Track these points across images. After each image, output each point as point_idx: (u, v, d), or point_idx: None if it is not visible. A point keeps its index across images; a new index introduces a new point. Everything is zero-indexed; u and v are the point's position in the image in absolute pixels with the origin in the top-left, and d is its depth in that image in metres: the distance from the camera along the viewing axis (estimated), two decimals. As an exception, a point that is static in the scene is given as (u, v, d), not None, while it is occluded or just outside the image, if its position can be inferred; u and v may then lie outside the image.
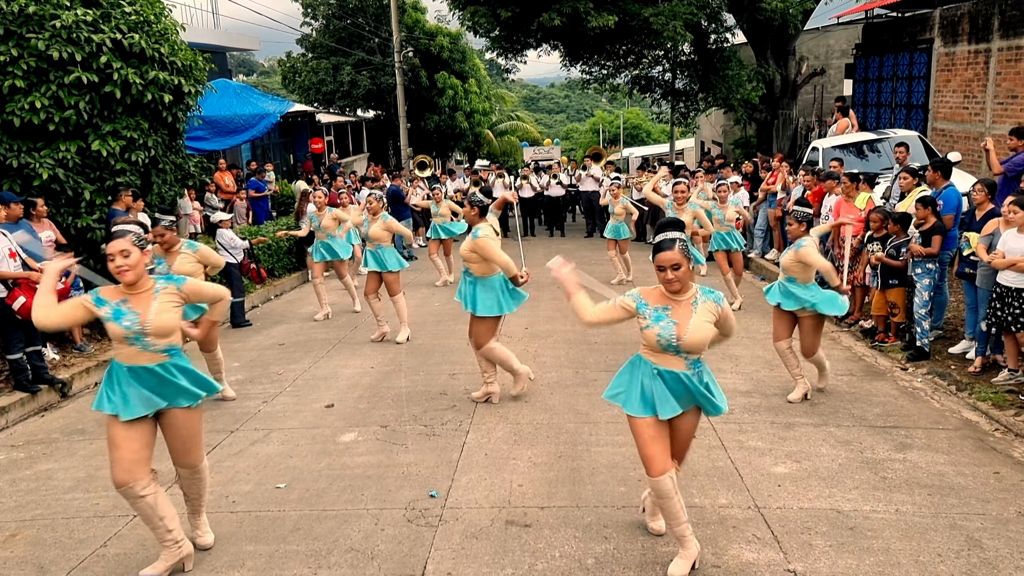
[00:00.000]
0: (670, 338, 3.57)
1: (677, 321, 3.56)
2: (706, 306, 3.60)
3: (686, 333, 3.55)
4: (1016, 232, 5.87)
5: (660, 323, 3.59)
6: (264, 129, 14.18)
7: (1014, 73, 11.55)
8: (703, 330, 3.56)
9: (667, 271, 3.53)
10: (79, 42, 7.62)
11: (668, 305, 3.61)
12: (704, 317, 3.57)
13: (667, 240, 3.53)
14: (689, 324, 3.55)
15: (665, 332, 3.58)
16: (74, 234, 7.95)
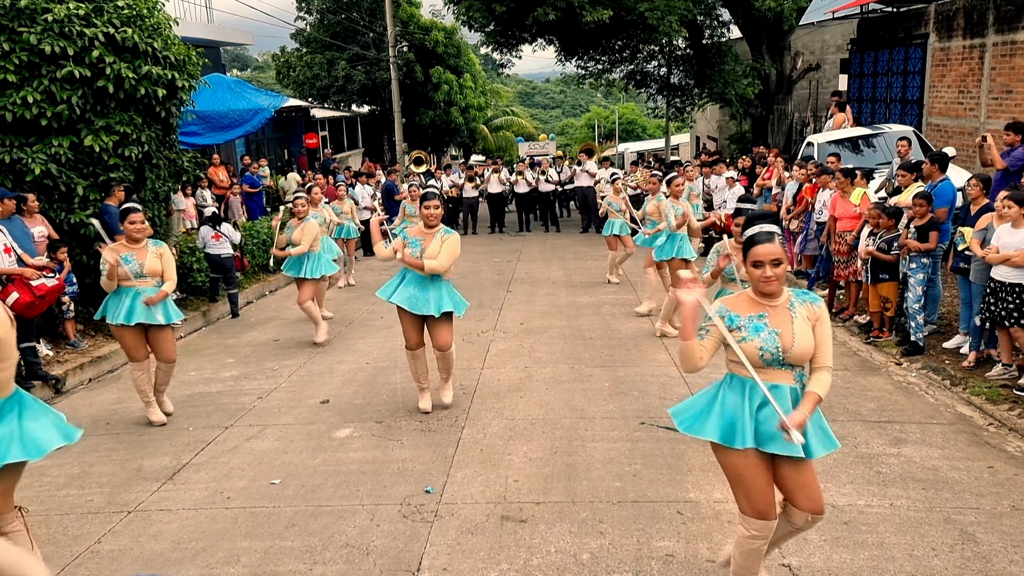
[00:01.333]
0: (776, 351, 3.07)
1: (779, 330, 3.08)
2: (804, 309, 3.13)
3: (793, 343, 3.06)
4: (1010, 227, 5.88)
5: (760, 334, 3.09)
6: (258, 124, 14.11)
7: (1009, 68, 11.57)
8: (808, 337, 3.08)
9: (766, 267, 3.05)
10: (71, 36, 7.57)
11: (763, 312, 3.13)
12: (804, 320, 3.11)
13: (764, 233, 3.08)
14: (793, 331, 3.07)
15: (769, 344, 3.08)
16: (67, 229, 7.91)
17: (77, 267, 8.01)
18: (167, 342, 5.85)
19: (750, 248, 3.10)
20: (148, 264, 5.67)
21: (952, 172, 8.36)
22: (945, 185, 7.54)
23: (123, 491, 4.84)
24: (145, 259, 5.67)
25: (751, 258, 3.10)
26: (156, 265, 5.72)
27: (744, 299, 3.21)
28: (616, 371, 6.86)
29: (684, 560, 3.81)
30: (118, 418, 6.23)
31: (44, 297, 6.67)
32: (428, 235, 5.76)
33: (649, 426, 5.55)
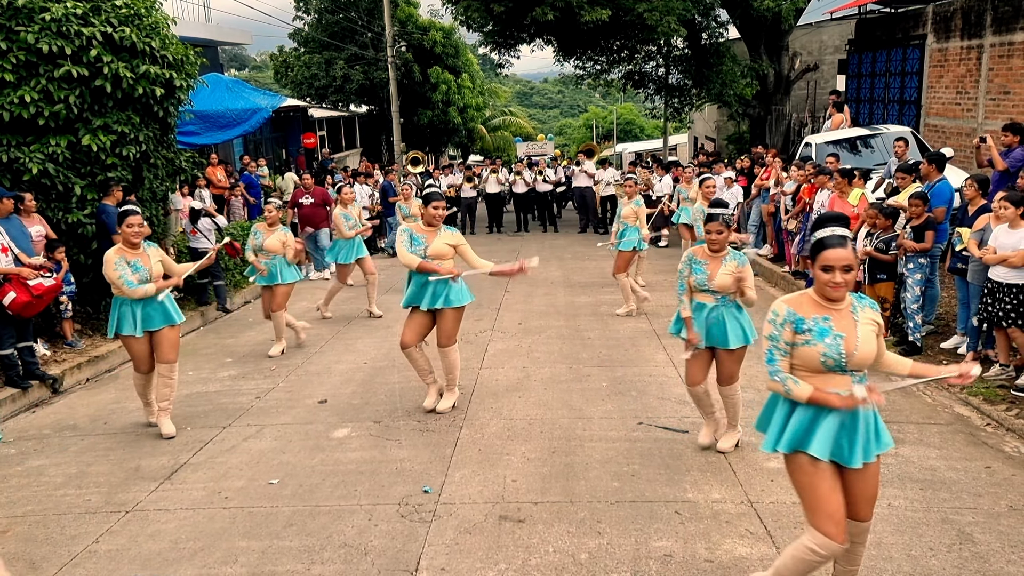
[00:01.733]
0: (839, 356, 2.98)
1: (843, 334, 3.00)
2: (866, 314, 3.06)
3: (856, 347, 2.99)
4: (1007, 228, 5.89)
5: (824, 339, 2.99)
6: (256, 124, 14.08)
7: (1006, 69, 11.58)
8: (871, 342, 3.02)
9: (836, 272, 2.95)
10: (69, 35, 7.56)
11: (828, 315, 3.04)
12: (867, 324, 3.04)
13: (836, 236, 2.98)
14: (858, 336, 3.00)
15: (832, 349, 2.99)
16: (64, 229, 7.90)
17: (75, 266, 8.00)
18: (169, 341, 5.72)
19: (820, 251, 3.01)
20: (154, 269, 5.64)
21: (950, 172, 8.37)
22: (942, 185, 7.55)
23: (121, 491, 4.83)
24: (150, 264, 5.61)
25: (820, 262, 3.00)
26: (159, 269, 5.68)
27: (807, 300, 3.10)
28: (614, 371, 6.86)
29: (682, 560, 3.81)
30: (116, 418, 6.22)
31: (41, 297, 6.66)
32: (431, 233, 5.81)
33: (647, 426, 5.55)
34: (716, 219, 4.85)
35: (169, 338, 5.70)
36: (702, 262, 4.89)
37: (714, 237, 4.84)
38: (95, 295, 8.53)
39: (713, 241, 4.84)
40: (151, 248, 5.71)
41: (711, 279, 4.83)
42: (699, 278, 4.87)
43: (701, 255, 4.92)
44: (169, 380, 5.73)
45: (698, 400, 5.09)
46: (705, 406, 5.10)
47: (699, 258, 4.91)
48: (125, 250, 5.53)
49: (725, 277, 4.81)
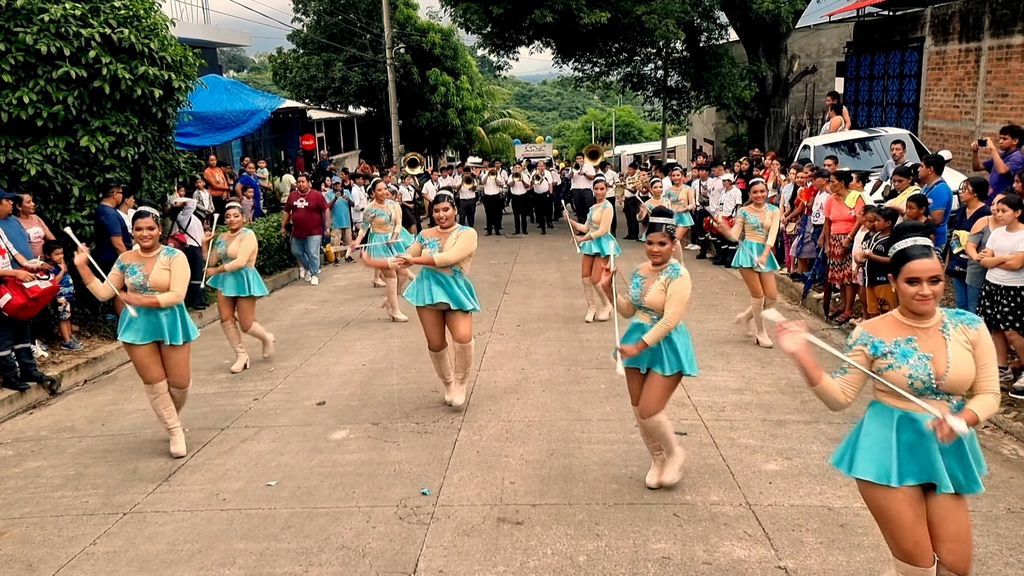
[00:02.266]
0: (927, 378, 2.76)
1: (931, 355, 2.78)
2: (959, 332, 2.81)
3: (947, 368, 2.75)
4: (1005, 230, 5.90)
5: (909, 360, 2.78)
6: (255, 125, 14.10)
7: (1004, 72, 11.61)
8: (966, 363, 2.76)
9: (923, 284, 2.75)
10: (68, 36, 7.56)
11: (912, 335, 2.82)
12: (960, 343, 2.78)
13: (919, 246, 2.78)
14: (948, 356, 2.76)
15: (919, 371, 2.77)
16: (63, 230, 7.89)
17: (73, 268, 7.98)
18: (180, 364, 5.26)
19: (903, 263, 2.79)
20: (154, 276, 5.07)
21: (948, 175, 8.39)
22: (940, 188, 7.56)
23: (119, 492, 4.83)
24: (152, 270, 5.08)
25: (905, 274, 2.78)
26: (163, 278, 5.09)
27: (889, 321, 2.90)
28: (612, 373, 6.84)
29: (680, 562, 3.81)
30: (114, 419, 6.22)
31: (37, 299, 6.65)
32: (444, 235, 5.81)
33: (645, 428, 5.54)
34: (659, 229, 4.34)
35: (175, 359, 5.24)
36: (642, 276, 4.47)
37: (656, 249, 4.34)
38: (93, 297, 8.51)
39: (655, 253, 4.36)
40: (168, 255, 5.15)
41: (644, 295, 4.38)
42: (633, 293, 4.44)
43: (645, 270, 4.48)
44: (184, 396, 5.51)
45: (647, 434, 4.57)
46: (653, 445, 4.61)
47: (642, 272, 4.48)
48: (136, 253, 5.21)
49: (656, 294, 4.33)
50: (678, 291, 4.28)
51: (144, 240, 5.10)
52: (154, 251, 5.14)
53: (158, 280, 5.08)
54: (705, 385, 6.45)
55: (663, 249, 4.33)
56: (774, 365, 6.98)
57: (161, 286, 5.08)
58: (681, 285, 4.29)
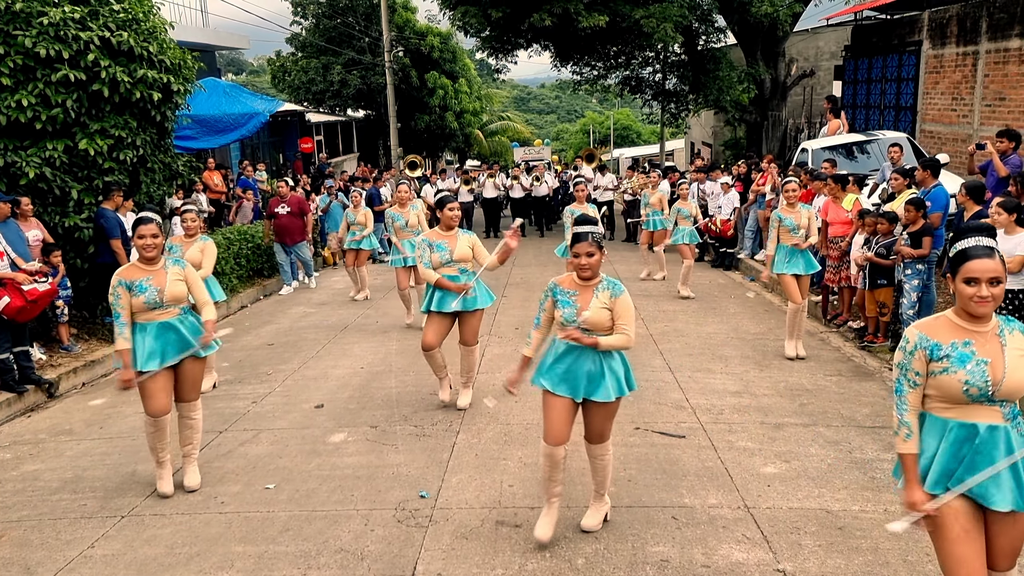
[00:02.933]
0: (984, 384, 2.65)
1: (989, 360, 2.67)
2: (1015, 338, 2.72)
3: (1004, 374, 2.65)
4: (1003, 234, 5.91)
5: (966, 365, 2.67)
6: (253, 128, 14.11)
7: (1002, 75, 11.64)
8: (1022, 369, 2.66)
9: (982, 285, 2.65)
10: (66, 39, 7.56)
11: (969, 339, 2.71)
12: (1017, 350, 2.69)
13: (981, 247, 2.69)
14: (1005, 362, 2.66)
15: (975, 377, 2.65)
16: (61, 233, 7.89)
17: (71, 271, 7.99)
18: (191, 377, 4.78)
19: (962, 263, 2.70)
20: (169, 290, 4.56)
21: (945, 178, 8.40)
22: (938, 191, 7.58)
23: (117, 496, 4.82)
24: (164, 284, 4.56)
25: (963, 274, 2.68)
26: (179, 290, 4.61)
27: (944, 323, 2.78)
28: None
29: (679, 565, 3.81)
30: (112, 422, 6.21)
31: (36, 302, 6.65)
32: (451, 237, 5.94)
33: (644, 431, 5.55)
34: (585, 239, 3.85)
35: (192, 373, 4.76)
36: (569, 292, 3.92)
37: (584, 261, 3.84)
38: (92, 299, 8.52)
39: (583, 266, 3.85)
40: (176, 265, 4.68)
41: (580, 312, 3.86)
42: (566, 313, 3.88)
43: (568, 284, 3.95)
44: (191, 420, 4.84)
45: (553, 467, 3.97)
46: (556, 479, 4.01)
47: (565, 287, 3.94)
48: (137, 267, 4.59)
49: (599, 312, 3.84)
50: (629, 307, 3.86)
51: (147, 250, 4.52)
52: (158, 262, 4.61)
53: (176, 292, 4.58)
54: (703, 388, 6.45)
55: (592, 261, 3.84)
56: (772, 368, 6.99)
57: (180, 298, 4.61)
58: (629, 300, 3.88)
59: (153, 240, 4.53)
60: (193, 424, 4.85)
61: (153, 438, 4.69)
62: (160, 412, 4.63)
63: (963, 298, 2.71)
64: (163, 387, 4.63)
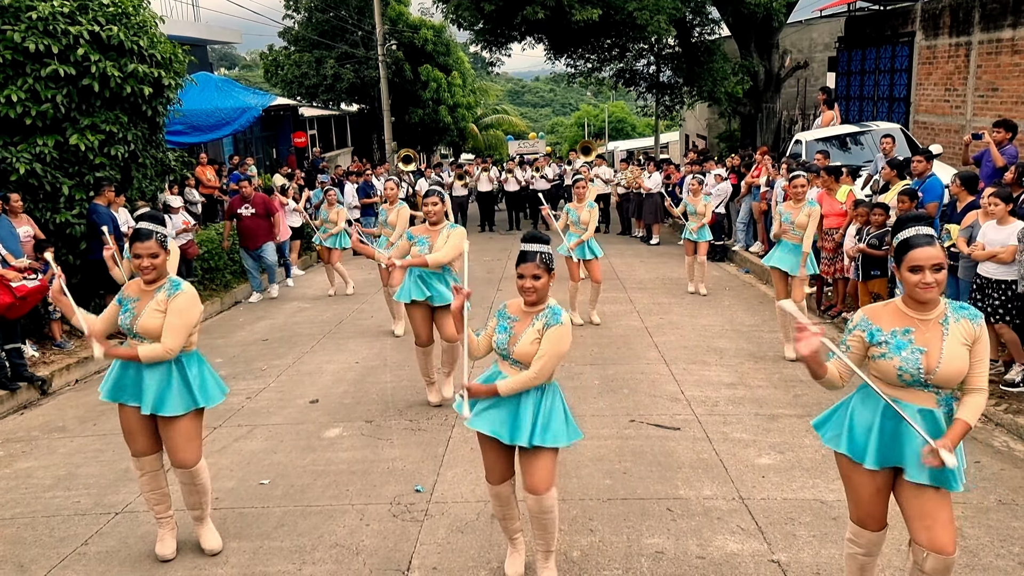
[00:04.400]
0: (916, 372, 2.79)
1: (925, 348, 2.79)
2: (960, 327, 2.80)
3: (939, 364, 2.76)
4: (996, 224, 5.92)
5: (902, 352, 2.80)
6: (246, 123, 14.04)
7: (994, 66, 11.64)
8: (959, 358, 2.77)
9: (925, 272, 2.75)
10: (56, 34, 7.52)
11: (910, 326, 2.83)
12: (958, 339, 2.78)
13: (921, 235, 2.79)
14: (942, 351, 2.77)
15: (909, 364, 2.80)
16: (52, 229, 7.85)
17: (63, 267, 7.93)
18: (178, 435, 3.83)
19: (906, 252, 2.79)
20: (143, 320, 3.72)
21: (938, 169, 8.41)
22: (933, 181, 7.59)
23: (111, 492, 4.81)
24: (143, 311, 3.74)
25: (908, 262, 2.78)
26: (153, 322, 3.71)
27: (892, 309, 2.90)
28: (606, 369, 6.86)
29: (674, 556, 3.82)
30: (105, 419, 6.18)
31: (25, 298, 6.61)
32: (434, 232, 5.82)
33: (639, 424, 5.55)
34: (532, 259, 3.39)
35: (176, 432, 3.82)
36: (511, 318, 3.49)
37: (528, 284, 3.38)
38: (84, 296, 8.48)
39: (529, 289, 3.39)
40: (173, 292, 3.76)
41: (513, 343, 3.40)
42: (499, 340, 3.47)
43: (514, 309, 3.51)
44: (189, 486, 3.92)
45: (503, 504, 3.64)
46: (512, 516, 3.67)
47: (510, 312, 3.51)
48: (138, 286, 3.88)
49: (529, 345, 3.36)
50: (556, 342, 3.33)
51: (144, 272, 3.74)
52: (156, 284, 3.80)
53: (147, 325, 3.72)
54: (698, 380, 6.46)
55: (538, 284, 3.38)
56: (767, 360, 6.99)
57: (151, 332, 3.72)
58: (561, 335, 3.34)
59: (151, 261, 3.69)
60: (196, 490, 3.93)
61: (141, 484, 3.98)
62: (140, 453, 3.92)
63: (909, 285, 2.82)
64: (137, 427, 3.89)
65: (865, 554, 3.11)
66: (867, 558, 3.12)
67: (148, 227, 3.72)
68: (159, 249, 3.72)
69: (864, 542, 3.09)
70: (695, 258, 9.81)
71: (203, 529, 4.05)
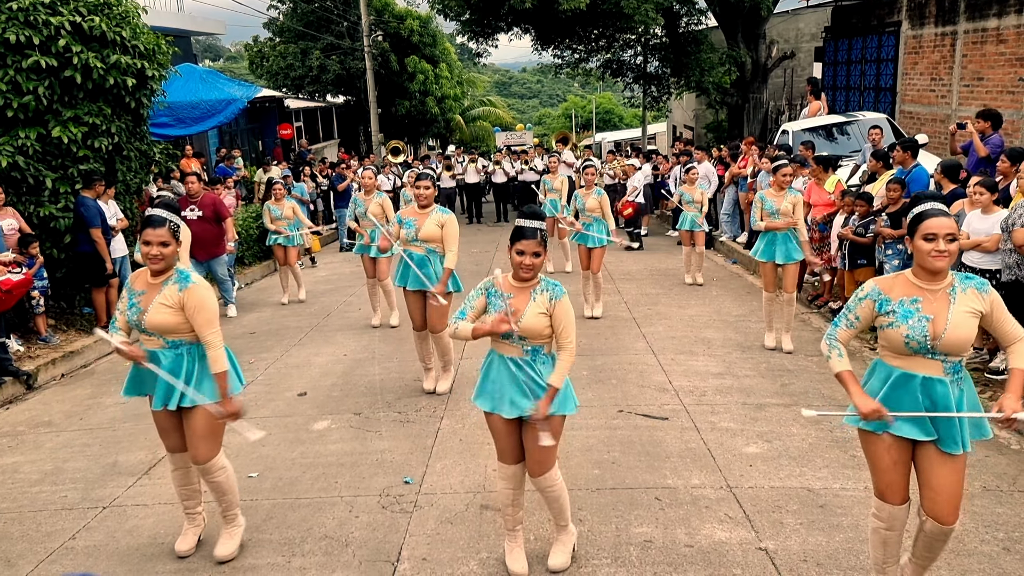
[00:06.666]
0: (923, 339, 2.89)
1: (931, 316, 2.89)
2: (968, 297, 2.92)
3: (944, 330, 2.87)
4: (980, 213, 5.96)
5: (908, 320, 2.91)
6: (231, 115, 13.94)
7: (980, 55, 11.70)
8: (965, 326, 2.87)
9: (939, 240, 2.87)
10: (37, 25, 7.42)
11: (918, 296, 2.93)
12: (965, 308, 2.89)
13: (935, 208, 2.94)
14: (948, 319, 2.87)
15: (915, 332, 2.90)
16: (37, 222, 7.77)
17: (48, 261, 7.87)
18: (197, 427, 3.69)
19: (921, 221, 2.92)
20: (150, 316, 3.56)
21: (923, 159, 8.46)
22: (919, 171, 7.63)
23: (98, 487, 4.78)
24: (150, 305, 3.58)
25: (922, 231, 2.90)
26: (162, 320, 3.56)
27: (902, 281, 3.01)
28: (594, 359, 6.87)
29: (662, 545, 3.84)
30: (92, 413, 6.15)
31: (10, 292, 6.56)
32: (422, 215, 5.91)
33: (627, 414, 5.57)
34: (533, 235, 3.39)
35: (197, 423, 3.68)
36: (506, 295, 3.44)
37: (528, 261, 3.39)
38: (69, 289, 8.42)
39: (526, 266, 3.40)
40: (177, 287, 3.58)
41: (515, 319, 3.40)
42: None
43: (504, 285, 3.49)
44: (210, 483, 3.79)
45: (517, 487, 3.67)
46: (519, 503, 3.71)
47: (503, 290, 3.47)
48: (143, 279, 3.71)
49: (537, 318, 3.39)
50: (568, 312, 3.43)
51: (152, 261, 3.55)
52: (163, 276, 3.63)
53: (155, 320, 3.56)
54: (686, 370, 6.48)
55: (536, 262, 3.41)
56: (754, 349, 7.03)
57: (161, 328, 3.58)
58: (570, 306, 3.46)
59: (161, 249, 3.51)
60: (214, 487, 3.79)
61: (173, 479, 3.95)
62: (172, 449, 3.86)
63: (922, 253, 2.93)
64: (168, 424, 3.80)
65: (887, 528, 3.13)
66: (889, 532, 3.13)
67: (162, 214, 3.55)
68: (170, 238, 3.55)
69: (885, 515, 3.11)
70: (692, 248, 9.83)
71: (223, 534, 3.91)
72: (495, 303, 3.49)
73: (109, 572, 3.83)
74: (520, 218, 3.47)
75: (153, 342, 3.65)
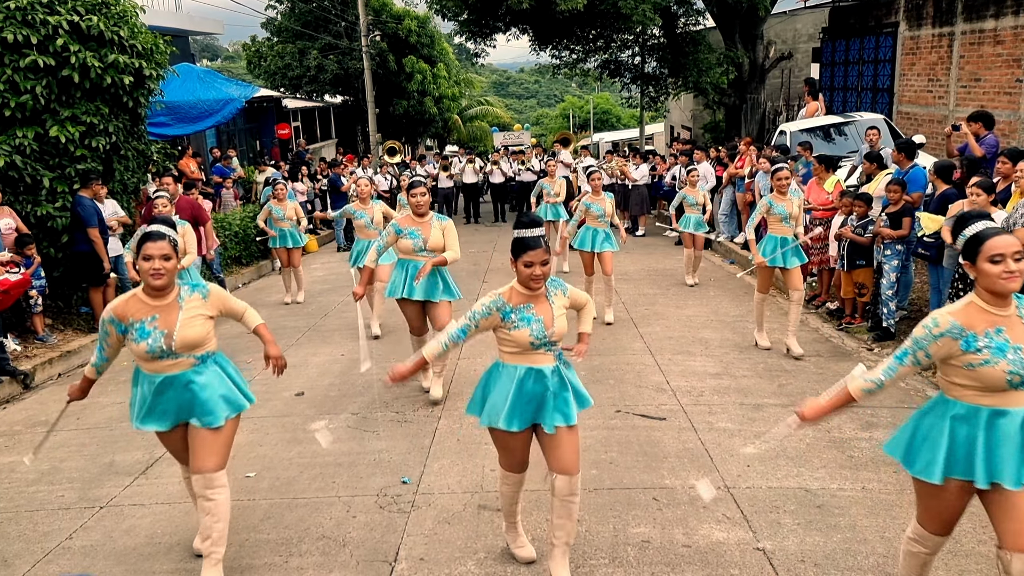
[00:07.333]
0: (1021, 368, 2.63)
1: (1021, 345, 2.66)
2: None
3: None
4: (978, 213, 5.96)
5: (1007, 355, 2.63)
6: (229, 114, 13.92)
7: (977, 56, 11.72)
8: None
9: (1007, 260, 2.63)
10: (34, 24, 7.41)
11: (1001, 325, 2.68)
12: None
13: (994, 227, 2.72)
14: None
15: (1018, 364, 2.62)
16: (34, 222, 7.76)
17: (45, 260, 7.86)
18: (204, 443, 3.50)
19: (982, 243, 2.68)
20: (181, 335, 3.43)
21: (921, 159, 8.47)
22: (917, 171, 7.64)
23: (95, 486, 4.78)
24: (175, 325, 3.43)
25: (987, 253, 2.66)
26: (196, 333, 3.48)
27: (974, 310, 2.72)
28: (592, 360, 6.87)
29: (660, 545, 3.84)
30: (89, 413, 6.14)
31: (8, 292, 6.55)
32: (424, 224, 5.82)
33: (625, 414, 5.57)
34: (538, 245, 3.29)
35: (204, 439, 3.50)
36: (525, 307, 3.37)
37: (538, 271, 3.29)
38: (66, 289, 8.40)
39: (536, 277, 3.31)
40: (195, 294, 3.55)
41: (549, 326, 3.35)
42: (534, 330, 3.33)
43: (518, 299, 3.38)
44: (206, 502, 3.47)
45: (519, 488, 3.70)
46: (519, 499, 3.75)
47: (519, 304, 3.36)
48: (138, 299, 3.49)
49: (563, 320, 3.43)
50: (580, 291, 3.66)
51: (155, 276, 3.38)
52: (169, 293, 3.49)
53: (189, 336, 3.45)
54: (684, 370, 6.49)
55: (546, 271, 3.32)
56: (752, 350, 7.03)
57: (194, 343, 3.48)
58: (581, 293, 3.64)
59: (164, 263, 3.37)
60: (209, 507, 3.46)
61: (191, 492, 3.84)
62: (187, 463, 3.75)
63: (990, 277, 2.67)
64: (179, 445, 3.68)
65: (930, 553, 3.05)
66: (931, 556, 3.06)
67: (161, 229, 3.45)
68: (172, 252, 3.42)
69: (932, 544, 3.01)
70: (693, 251, 9.83)
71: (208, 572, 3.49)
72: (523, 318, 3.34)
73: (106, 572, 3.82)
74: (519, 229, 3.38)
75: (182, 364, 3.47)
